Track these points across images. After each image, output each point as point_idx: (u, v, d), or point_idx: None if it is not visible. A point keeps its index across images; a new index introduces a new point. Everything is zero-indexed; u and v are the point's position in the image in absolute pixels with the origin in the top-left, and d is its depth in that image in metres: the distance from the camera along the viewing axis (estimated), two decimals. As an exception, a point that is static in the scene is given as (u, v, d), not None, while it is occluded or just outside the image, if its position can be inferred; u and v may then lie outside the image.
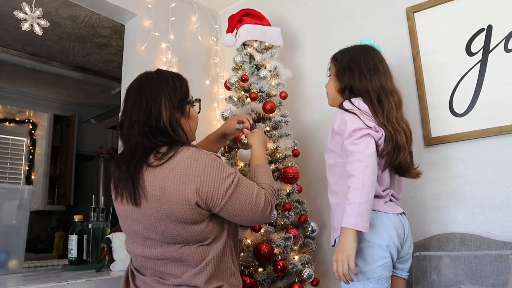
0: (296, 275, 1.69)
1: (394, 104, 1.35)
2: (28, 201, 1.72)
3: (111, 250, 1.70)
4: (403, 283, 1.40)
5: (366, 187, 1.18)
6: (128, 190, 1.14)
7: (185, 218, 1.10)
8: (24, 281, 1.41)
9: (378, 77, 1.37)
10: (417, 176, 1.42)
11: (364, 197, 1.17)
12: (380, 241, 1.26)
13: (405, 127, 1.36)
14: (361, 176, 1.19)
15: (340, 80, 1.42)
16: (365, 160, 1.20)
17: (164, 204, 1.10)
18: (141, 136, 1.16)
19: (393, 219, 1.30)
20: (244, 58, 1.97)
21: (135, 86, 1.25)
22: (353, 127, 1.26)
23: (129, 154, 1.16)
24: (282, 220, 1.75)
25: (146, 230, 1.15)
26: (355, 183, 1.19)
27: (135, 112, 1.18)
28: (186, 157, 1.12)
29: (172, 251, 1.13)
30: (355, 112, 1.29)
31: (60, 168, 4.65)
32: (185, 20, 2.54)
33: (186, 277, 1.12)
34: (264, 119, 1.88)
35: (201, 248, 1.14)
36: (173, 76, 1.27)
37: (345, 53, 1.46)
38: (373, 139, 1.25)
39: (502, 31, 1.66)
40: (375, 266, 1.25)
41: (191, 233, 1.12)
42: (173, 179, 1.09)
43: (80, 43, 3.32)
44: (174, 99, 1.22)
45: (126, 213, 1.19)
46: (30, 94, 4.44)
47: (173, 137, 1.18)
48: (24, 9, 1.72)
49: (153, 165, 1.12)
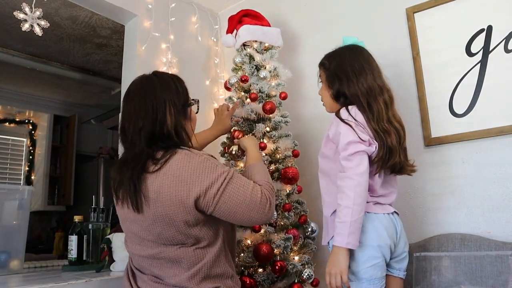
0: (296, 275, 1.69)
1: (384, 104, 1.34)
2: (28, 201, 1.72)
3: (111, 250, 1.70)
4: (401, 283, 1.40)
5: (357, 205, 1.21)
6: (130, 197, 1.14)
7: (180, 220, 1.11)
8: (24, 282, 1.41)
9: (365, 78, 1.36)
10: (412, 172, 1.42)
11: (355, 216, 1.20)
12: (370, 242, 1.27)
13: (397, 125, 1.35)
14: (352, 195, 1.21)
15: (331, 87, 1.43)
16: (356, 178, 1.23)
17: (159, 207, 1.10)
18: (147, 143, 1.16)
19: (383, 219, 1.31)
20: (244, 59, 1.97)
21: (137, 90, 1.24)
22: (347, 139, 1.27)
23: (133, 161, 1.16)
24: (282, 221, 1.75)
25: (143, 231, 1.16)
26: (346, 201, 1.22)
27: (141, 119, 1.17)
28: (179, 159, 1.12)
29: (168, 252, 1.14)
30: (351, 123, 1.30)
31: (60, 168, 4.65)
32: (185, 21, 2.54)
33: (180, 279, 1.13)
34: (264, 119, 1.88)
35: (197, 250, 1.14)
36: (173, 80, 1.27)
37: (331, 58, 1.46)
38: (366, 156, 1.26)
39: (502, 32, 1.66)
40: (366, 267, 1.26)
41: (185, 235, 1.13)
42: (166, 182, 1.10)
43: (80, 44, 3.32)
44: (178, 103, 1.22)
45: (125, 215, 1.20)
46: (30, 95, 4.44)
47: (173, 142, 1.18)
48: (24, 9, 1.72)
49: (151, 171, 1.13)
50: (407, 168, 1.40)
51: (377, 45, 1.61)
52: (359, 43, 1.47)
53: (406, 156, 1.40)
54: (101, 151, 4.57)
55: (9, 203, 1.69)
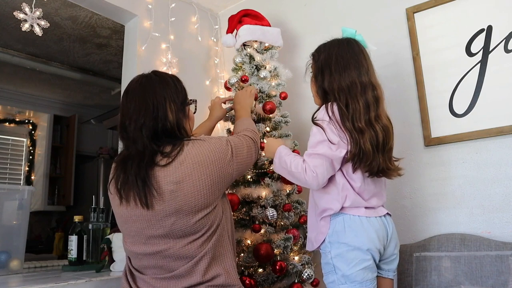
0: (296, 275, 1.69)
1: (364, 103, 1.29)
2: (28, 201, 1.72)
3: (111, 250, 1.70)
4: (390, 284, 1.41)
5: (287, 170, 1.36)
6: (138, 194, 1.14)
7: (200, 205, 1.15)
8: (25, 282, 1.41)
9: (349, 74, 1.32)
10: (396, 176, 1.37)
11: (283, 166, 1.39)
12: (360, 245, 1.26)
13: (379, 127, 1.29)
14: (293, 169, 1.32)
15: (316, 81, 1.43)
16: (305, 175, 1.28)
17: (178, 197, 1.13)
18: (149, 139, 1.18)
19: (374, 222, 1.30)
20: (244, 59, 1.97)
21: (136, 88, 1.26)
22: (316, 139, 1.31)
23: (137, 157, 1.17)
24: (282, 221, 1.75)
25: (151, 228, 1.15)
26: (289, 165, 1.34)
27: (141, 116, 1.19)
28: (192, 147, 1.19)
29: (178, 247, 1.15)
30: (323, 125, 1.30)
31: (60, 168, 4.65)
32: (185, 21, 2.54)
33: (185, 268, 1.15)
34: (264, 119, 1.88)
35: (206, 241, 1.18)
36: (172, 79, 1.31)
37: (321, 51, 1.44)
38: (329, 161, 1.26)
39: (502, 32, 1.66)
40: (357, 269, 1.26)
41: (198, 222, 1.16)
42: (186, 170, 1.15)
43: (80, 44, 3.32)
44: (178, 101, 1.26)
45: (127, 213, 1.18)
46: (30, 95, 4.44)
47: (178, 137, 1.23)
48: (24, 9, 1.72)
49: (162, 164, 1.15)
50: (390, 172, 1.33)
51: (377, 45, 1.61)
52: (357, 36, 1.44)
53: (390, 158, 1.34)
54: (101, 151, 4.57)
55: (9, 203, 1.69)
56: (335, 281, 1.29)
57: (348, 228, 1.28)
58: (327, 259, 1.32)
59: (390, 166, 1.33)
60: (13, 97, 4.35)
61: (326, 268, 1.33)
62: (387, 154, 1.32)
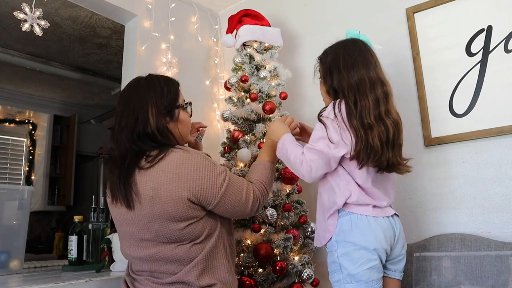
0: (296, 275, 1.69)
1: (374, 99, 1.29)
2: (28, 201, 1.72)
3: (111, 250, 1.70)
4: (397, 284, 1.39)
5: (286, 157, 1.36)
6: (121, 194, 1.17)
7: (179, 216, 1.13)
8: (24, 282, 1.41)
9: (357, 71, 1.33)
10: (405, 171, 1.36)
11: (283, 153, 1.38)
12: (367, 244, 1.26)
13: (390, 122, 1.29)
14: (292, 158, 1.33)
15: (325, 82, 1.43)
16: (300, 166, 1.30)
17: (157, 204, 1.12)
18: (129, 141, 1.19)
19: (382, 222, 1.30)
20: (244, 59, 1.97)
21: (125, 91, 1.30)
22: (317, 135, 1.31)
23: (120, 159, 1.20)
24: (282, 221, 1.75)
25: (141, 231, 1.17)
26: (289, 153, 1.35)
27: (124, 118, 1.22)
28: (177, 157, 1.16)
29: (167, 251, 1.15)
30: (326, 122, 1.30)
31: (60, 168, 4.65)
32: (185, 21, 2.54)
33: (179, 275, 1.15)
34: (264, 119, 1.88)
35: (195, 246, 1.16)
36: (161, 82, 1.30)
37: (328, 53, 1.45)
38: (327, 158, 1.27)
39: (502, 32, 1.66)
40: (363, 269, 1.25)
41: (184, 231, 1.14)
42: (165, 179, 1.13)
43: (80, 44, 3.32)
44: (161, 104, 1.24)
45: (121, 216, 1.21)
46: (30, 95, 4.44)
47: (162, 141, 1.21)
48: (24, 9, 1.72)
49: (145, 168, 1.16)
50: (399, 167, 1.34)
51: (377, 45, 1.61)
52: (361, 37, 1.46)
53: (400, 154, 1.35)
54: (101, 151, 4.57)
55: (9, 203, 1.70)
56: (340, 280, 1.28)
57: (355, 227, 1.28)
58: (333, 258, 1.31)
59: (400, 161, 1.34)
60: (13, 97, 4.35)
61: (332, 266, 1.33)
62: (397, 150, 1.32)
